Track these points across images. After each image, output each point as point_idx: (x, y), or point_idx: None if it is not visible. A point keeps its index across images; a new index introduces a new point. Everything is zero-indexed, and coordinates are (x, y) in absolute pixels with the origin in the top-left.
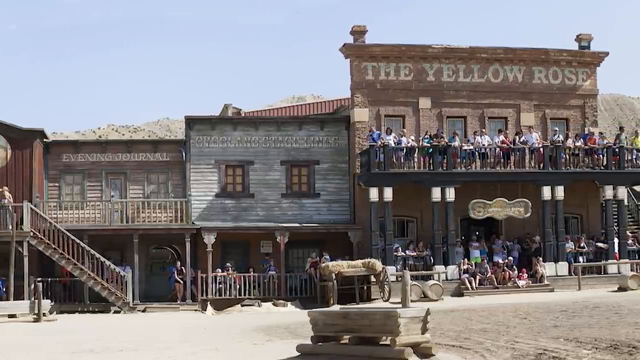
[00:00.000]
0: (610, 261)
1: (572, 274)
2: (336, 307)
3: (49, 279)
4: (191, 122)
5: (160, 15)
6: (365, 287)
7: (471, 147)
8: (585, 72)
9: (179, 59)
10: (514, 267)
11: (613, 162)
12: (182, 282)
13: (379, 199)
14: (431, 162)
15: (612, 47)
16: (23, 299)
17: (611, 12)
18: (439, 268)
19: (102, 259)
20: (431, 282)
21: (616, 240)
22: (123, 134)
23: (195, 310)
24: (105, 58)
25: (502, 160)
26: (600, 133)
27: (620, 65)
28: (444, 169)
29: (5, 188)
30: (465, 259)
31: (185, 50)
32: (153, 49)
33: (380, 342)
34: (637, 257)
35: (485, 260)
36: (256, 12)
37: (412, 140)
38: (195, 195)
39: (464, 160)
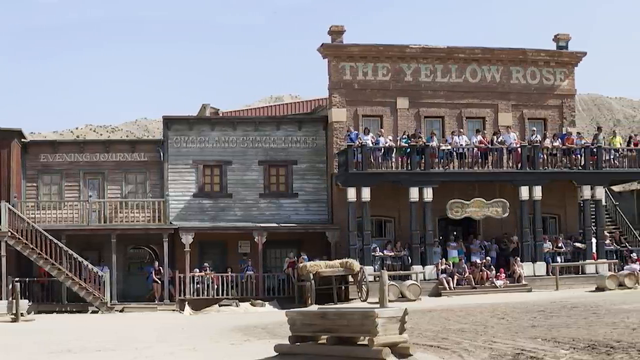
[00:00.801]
0: (588, 261)
1: (550, 274)
2: (314, 307)
3: (27, 279)
4: (169, 122)
5: (138, 15)
6: (343, 287)
7: (449, 147)
8: (563, 72)
9: (156, 59)
10: (492, 267)
11: (591, 162)
12: (159, 282)
13: (356, 199)
14: (409, 162)
15: (590, 47)
16: (1, 299)
17: (589, 13)
18: (417, 268)
19: (80, 259)
20: (409, 282)
21: (594, 240)
22: (101, 134)
23: (173, 310)
24: (83, 58)
25: (479, 160)
26: (578, 133)
27: (598, 66)
28: (422, 169)
29: None
30: (443, 259)
31: (163, 50)
32: (131, 49)
33: (358, 342)
34: (614, 257)
35: (463, 260)
36: (234, 12)
37: (390, 140)
38: (173, 195)
39: (442, 160)
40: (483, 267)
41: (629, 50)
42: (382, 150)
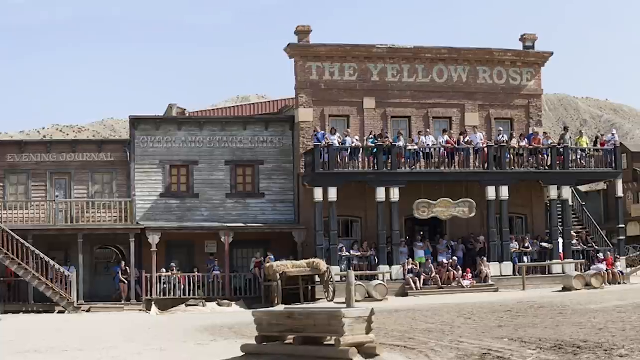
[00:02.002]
0: (554, 261)
1: (517, 274)
2: (281, 307)
3: None
4: (136, 122)
5: (105, 15)
6: (309, 287)
7: (416, 147)
8: (530, 72)
9: (123, 58)
10: (459, 267)
11: (558, 162)
12: (126, 282)
13: (323, 199)
14: (376, 162)
15: (556, 47)
16: None
17: (556, 13)
18: (384, 268)
19: (47, 259)
20: (376, 282)
21: (560, 240)
22: (68, 134)
23: (140, 310)
24: (50, 58)
25: (446, 160)
26: (545, 133)
27: (564, 66)
28: (389, 169)
29: None
30: (410, 259)
31: (130, 50)
32: (98, 49)
33: (325, 342)
34: (581, 257)
35: (430, 260)
36: (202, 12)
37: (357, 140)
38: (139, 195)
39: (409, 160)
40: (450, 267)
41: (595, 50)
42: (349, 150)
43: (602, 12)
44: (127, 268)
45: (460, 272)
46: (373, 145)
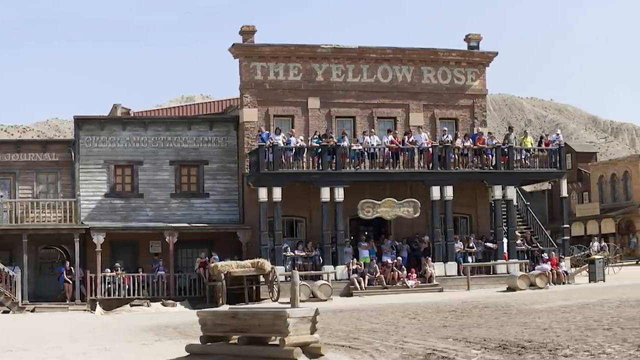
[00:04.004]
0: (499, 261)
1: (461, 274)
2: (225, 307)
3: None
4: (80, 122)
5: (49, 15)
6: (254, 287)
7: (360, 147)
8: (474, 72)
9: (68, 58)
10: (403, 267)
11: (502, 162)
12: (71, 282)
13: (268, 199)
14: (320, 162)
15: (501, 47)
16: None
17: (500, 13)
18: (328, 268)
19: None
20: (320, 282)
21: (505, 240)
22: (12, 134)
23: (85, 310)
24: None
25: (391, 160)
26: (489, 133)
27: (509, 66)
28: (333, 169)
29: None
30: (354, 259)
31: (74, 50)
32: (42, 49)
33: (270, 342)
34: (525, 257)
35: (374, 260)
36: (146, 12)
37: (301, 140)
38: (84, 195)
39: (353, 160)
40: (394, 267)
41: (539, 50)
42: (294, 150)
43: (546, 13)
44: (72, 268)
45: (405, 272)
46: (317, 145)
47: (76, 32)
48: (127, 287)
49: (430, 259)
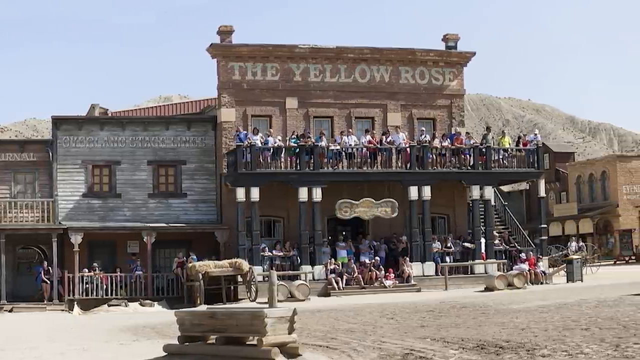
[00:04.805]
0: (477, 261)
1: (439, 274)
2: (203, 307)
3: None
4: (58, 122)
5: (26, 15)
6: (232, 287)
7: (338, 147)
8: (452, 72)
9: (45, 58)
10: (381, 267)
11: (480, 162)
12: (49, 282)
13: (245, 199)
14: (298, 162)
15: (478, 47)
16: None
17: (478, 13)
18: (306, 268)
19: None
20: (298, 282)
21: (483, 240)
22: None
23: (62, 310)
24: None
25: (369, 160)
26: (467, 133)
27: (486, 66)
28: (311, 169)
29: None
30: (332, 259)
31: (52, 50)
32: (19, 49)
33: (247, 342)
34: (503, 257)
35: (352, 260)
36: (124, 12)
37: (279, 140)
38: (62, 195)
39: (331, 160)
40: (372, 267)
41: (517, 50)
42: (271, 150)
43: (524, 13)
44: (50, 268)
45: (383, 272)
46: (295, 145)
47: (53, 32)
48: (104, 287)
49: (408, 259)
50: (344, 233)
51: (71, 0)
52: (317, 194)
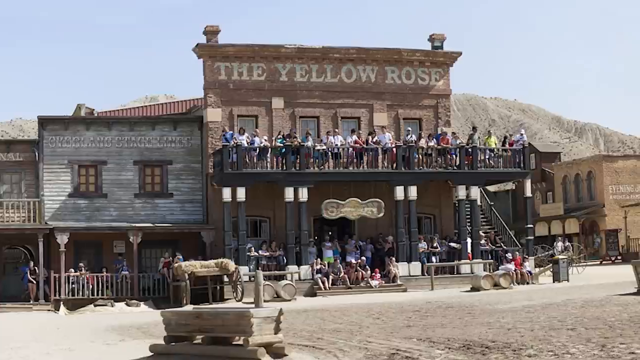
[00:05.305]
0: (463, 261)
1: (425, 274)
2: (189, 307)
3: None
4: (44, 122)
5: (13, 15)
6: (218, 287)
7: (324, 147)
8: (438, 72)
9: (32, 58)
10: (367, 267)
11: (466, 162)
12: (35, 282)
13: (232, 199)
14: (284, 162)
15: (465, 47)
16: None
17: (464, 13)
18: (292, 268)
19: None
20: (284, 282)
21: (469, 240)
22: None
23: (49, 310)
24: None
25: (355, 160)
26: (453, 133)
27: (473, 66)
28: (297, 169)
29: None
30: (318, 259)
31: (39, 50)
32: (6, 49)
33: (234, 342)
34: (489, 257)
35: (338, 260)
36: (110, 12)
37: (265, 140)
38: (48, 195)
39: (317, 160)
40: (358, 267)
41: (503, 50)
42: (258, 151)
43: (510, 13)
44: (36, 268)
45: (369, 272)
46: (281, 145)
47: (39, 32)
48: (91, 287)
49: (394, 259)
50: (330, 233)
51: (57, 0)
52: (304, 194)
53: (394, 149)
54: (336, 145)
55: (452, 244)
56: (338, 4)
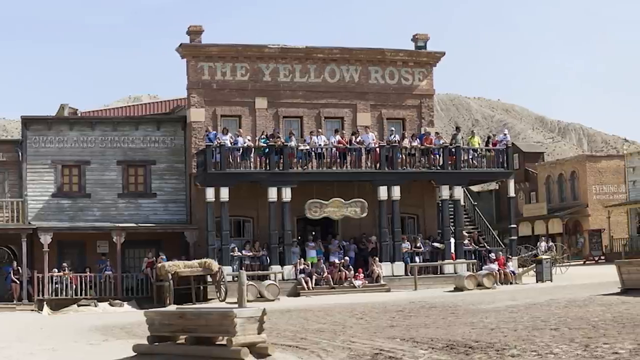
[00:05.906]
0: (446, 261)
1: (409, 274)
2: (172, 307)
3: None
4: (27, 122)
5: None
6: (201, 287)
7: (307, 147)
8: (422, 72)
9: (14, 58)
10: (351, 267)
11: (449, 162)
12: (18, 282)
13: (215, 199)
14: (267, 162)
15: (448, 47)
16: None
17: (447, 13)
18: (276, 268)
19: None
20: (267, 282)
21: (452, 241)
22: None
23: (32, 310)
24: None
25: (338, 160)
26: (437, 133)
27: (456, 66)
28: (281, 169)
29: None
30: (302, 259)
31: (21, 50)
32: None
33: (217, 342)
34: (473, 257)
35: (322, 260)
36: (94, 12)
37: (249, 140)
38: (31, 195)
39: (301, 160)
40: (342, 267)
41: (486, 50)
42: (241, 150)
43: (493, 13)
44: (19, 268)
45: (352, 272)
46: (265, 145)
47: (23, 32)
48: (74, 287)
49: (377, 259)
50: (313, 233)
51: (42, 0)
52: (287, 194)
53: (377, 149)
54: (319, 145)
55: (436, 244)
56: (321, 4)
